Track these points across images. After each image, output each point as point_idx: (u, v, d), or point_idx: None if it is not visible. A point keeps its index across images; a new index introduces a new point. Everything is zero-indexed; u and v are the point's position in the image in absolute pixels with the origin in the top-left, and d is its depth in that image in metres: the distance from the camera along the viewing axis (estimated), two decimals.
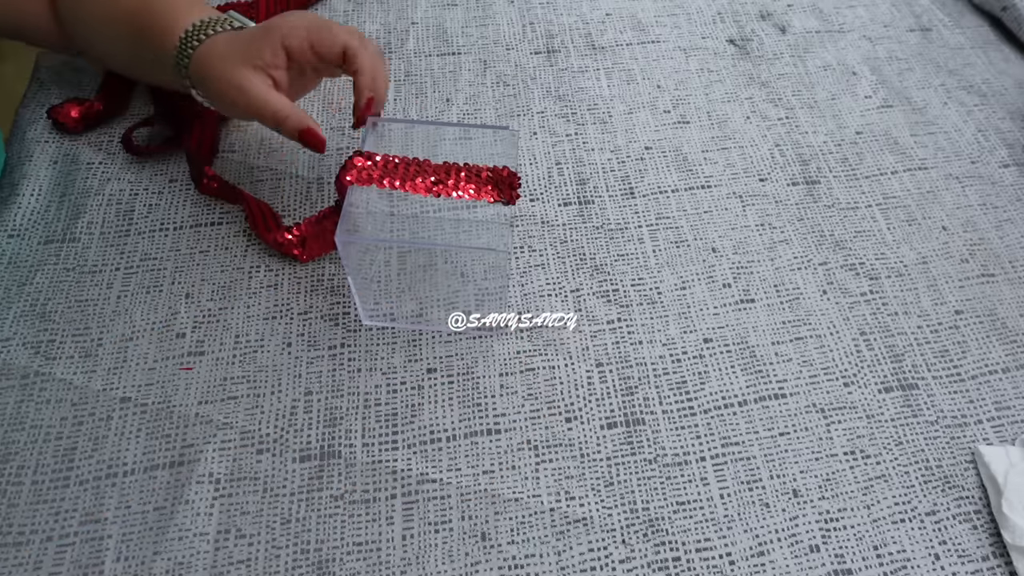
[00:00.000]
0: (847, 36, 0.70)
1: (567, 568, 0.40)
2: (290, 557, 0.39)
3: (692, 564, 0.40)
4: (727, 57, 0.67)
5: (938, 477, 0.44)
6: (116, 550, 0.39)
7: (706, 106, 0.63)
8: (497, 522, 0.41)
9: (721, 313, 0.50)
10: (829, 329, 0.50)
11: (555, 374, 0.47)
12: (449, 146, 0.48)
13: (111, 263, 0.49)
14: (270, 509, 0.41)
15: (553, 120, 0.61)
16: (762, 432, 0.45)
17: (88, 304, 0.47)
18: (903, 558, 0.41)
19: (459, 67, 0.64)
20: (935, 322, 0.51)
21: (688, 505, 0.42)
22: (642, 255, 0.53)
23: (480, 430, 0.44)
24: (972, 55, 0.70)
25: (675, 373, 0.47)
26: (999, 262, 0.54)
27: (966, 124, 0.64)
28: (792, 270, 0.53)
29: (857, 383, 0.47)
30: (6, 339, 0.45)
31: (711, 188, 0.57)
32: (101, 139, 0.56)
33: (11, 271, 0.48)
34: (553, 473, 0.43)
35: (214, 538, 0.39)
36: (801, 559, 0.40)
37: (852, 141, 0.61)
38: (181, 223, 0.52)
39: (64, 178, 0.53)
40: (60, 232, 0.51)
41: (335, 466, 0.42)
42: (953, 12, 0.74)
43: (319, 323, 0.47)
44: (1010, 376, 0.48)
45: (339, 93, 0.61)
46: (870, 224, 0.56)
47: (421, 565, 0.39)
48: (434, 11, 0.69)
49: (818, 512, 0.42)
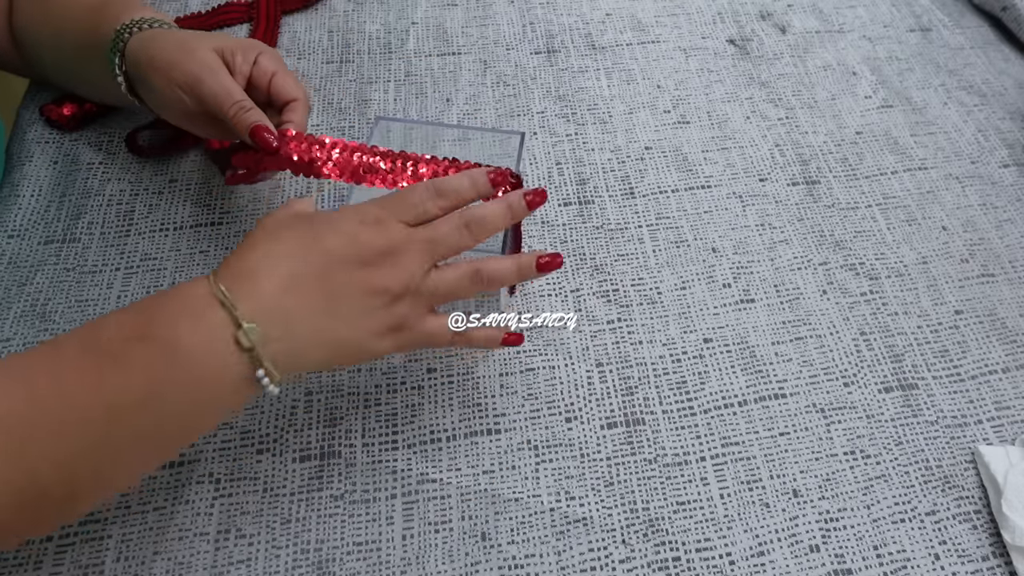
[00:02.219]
0: (847, 36, 0.70)
1: (567, 568, 0.40)
2: (290, 557, 0.39)
3: (692, 564, 0.40)
4: (727, 57, 0.67)
5: (938, 477, 0.44)
6: (116, 550, 0.39)
7: (706, 106, 0.63)
8: (497, 522, 0.41)
9: (721, 313, 0.50)
10: (829, 329, 0.50)
11: (555, 374, 0.47)
12: (448, 147, 0.48)
13: (111, 263, 0.49)
14: (270, 509, 0.41)
15: (553, 120, 0.61)
16: (762, 432, 0.45)
17: (88, 304, 0.47)
18: (903, 558, 0.41)
19: (459, 67, 0.64)
20: (935, 322, 0.51)
21: (688, 505, 0.42)
22: (642, 255, 0.53)
23: (480, 430, 0.44)
24: (972, 55, 0.70)
25: (675, 373, 0.47)
26: (999, 262, 0.54)
27: (966, 124, 0.64)
28: (792, 270, 0.53)
29: (857, 383, 0.47)
30: (6, 339, 0.45)
31: (711, 188, 0.57)
32: (101, 139, 0.56)
33: (11, 271, 0.48)
34: (553, 473, 0.43)
35: (214, 538, 0.39)
36: (801, 559, 0.40)
37: (852, 141, 0.61)
38: (181, 223, 0.52)
39: (64, 178, 0.53)
40: (60, 232, 0.51)
41: (335, 466, 0.42)
42: (953, 12, 0.74)
43: None
44: (1010, 376, 0.48)
45: (339, 93, 0.61)
46: (870, 224, 0.56)
47: (421, 565, 0.39)
48: (434, 11, 0.69)
49: (818, 512, 0.42)
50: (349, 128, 0.59)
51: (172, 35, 0.45)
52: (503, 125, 0.60)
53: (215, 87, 0.42)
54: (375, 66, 0.63)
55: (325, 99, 0.60)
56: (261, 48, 0.46)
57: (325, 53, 0.64)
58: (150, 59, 0.43)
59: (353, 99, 0.61)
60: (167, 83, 0.43)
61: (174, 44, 0.44)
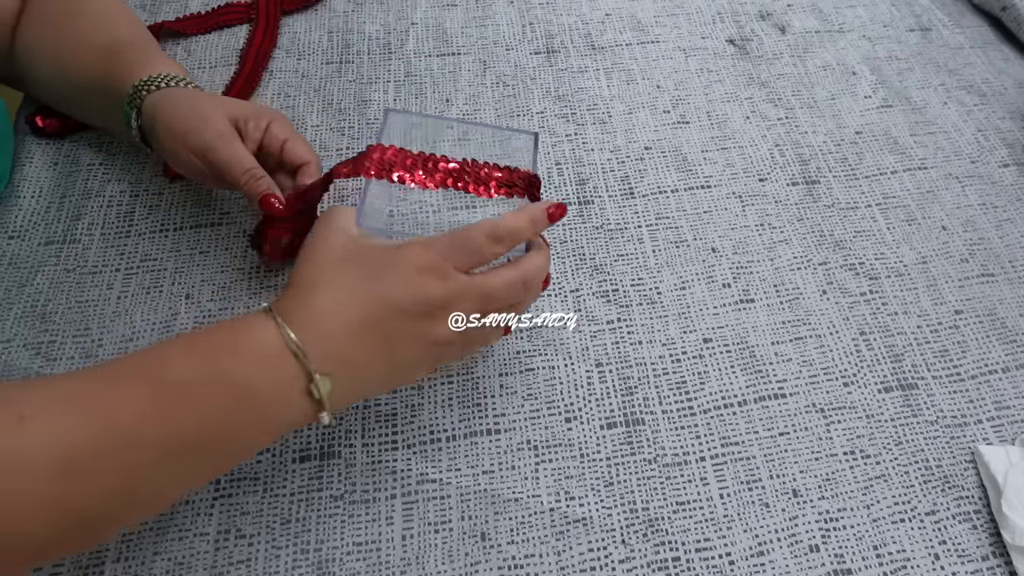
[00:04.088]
0: (847, 36, 0.70)
1: (567, 568, 0.40)
2: (290, 557, 0.39)
3: (692, 564, 0.40)
4: (727, 57, 0.67)
5: (938, 477, 0.44)
6: (116, 550, 0.39)
7: (706, 106, 0.63)
8: (497, 522, 0.41)
9: (721, 313, 0.50)
10: (829, 329, 0.50)
11: (555, 374, 0.47)
12: (448, 147, 0.47)
13: (111, 264, 0.50)
14: (270, 509, 0.41)
15: (553, 120, 0.61)
16: (762, 432, 0.45)
17: (88, 305, 0.47)
18: (903, 558, 0.41)
19: (459, 67, 0.64)
20: (935, 322, 0.51)
21: (688, 505, 0.42)
22: (642, 255, 0.53)
23: (480, 430, 0.44)
24: (972, 55, 0.70)
25: (675, 373, 0.47)
26: (999, 262, 0.54)
27: (966, 124, 0.64)
28: (792, 270, 0.53)
29: (857, 383, 0.47)
30: (7, 340, 0.45)
31: (711, 188, 0.57)
32: (101, 140, 0.56)
33: (12, 272, 0.48)
34: (553, 473, 0.43)
35: (214, 538, 0.40)
36: (801, 559, 0.40)
37: (852, 141, 0.61)
38: (181, 224, 0.52)
39: (64, 179, 0.54)
40: (60, 233, 0.51)
41: (335, 466, 0.42)
42: (953, 12, 0.74)
43: None
44: (1010, 376, 0.48)
45: (339, 93, 0.61)
46: (870, 224, 0.56)
47: (421, 565, 0.39)
48: (434, 11, 0.69)
49: (818, 512, 0.42)
50: (349, 128, 0.59)
51: (187, 98, 0.46)
52: (503, 125, 0.60)
53: (228, 156, 0.43)
54: (375, 66, 0.63)
55: (325, 99, 0.60)
56: (273, 116, 0.47)
57: (325, 53, 0.64)
58: (166, 125, 0.45)
59: (353, 99, 0.61)
60: (181, 148, 0.44)
61: (188, 110, 0.45)
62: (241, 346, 0.32)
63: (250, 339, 0.33)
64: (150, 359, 0.32)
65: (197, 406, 0.31)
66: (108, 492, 0.29)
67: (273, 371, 0.32)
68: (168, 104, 0.45)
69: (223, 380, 0.31)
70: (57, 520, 0.28)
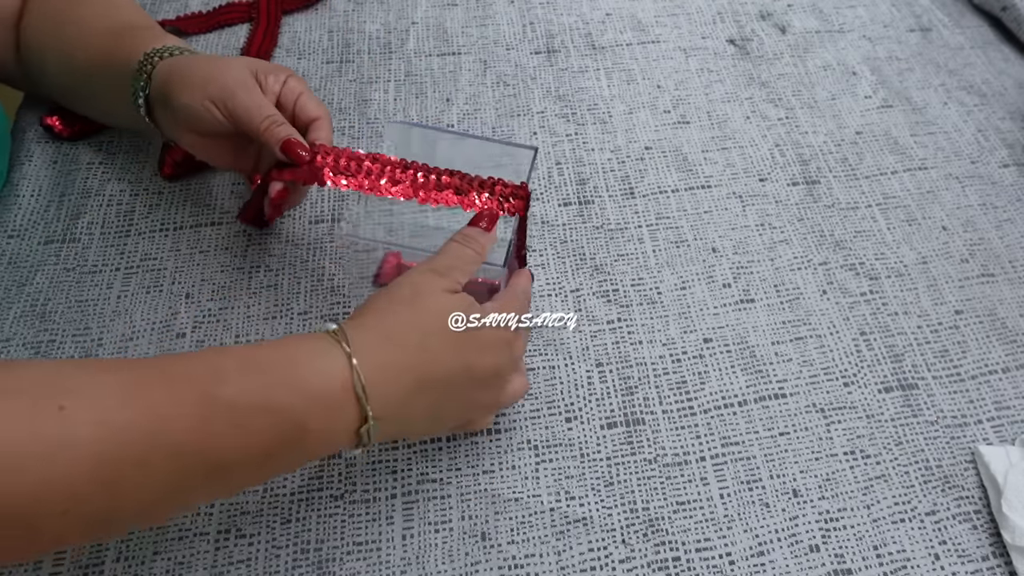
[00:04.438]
0: (847, 36, 0.70)
1: (567, 568, 0.40)
2: (290, 557, 0.39)
3: (692, 564, 0.40)
4: (727, 57, 0.67)
5: (938, 477, 0.44)
6: (116, 550, 0.39)
7: (706, 106, 0.63)
8: (497, 522, 0.41)
9: (721, 313, 0.50)
10: (829, 329, 0.50)
11: (555, 374, 0.47)
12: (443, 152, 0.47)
13: (111, 263, 0.49)
14: (270, 509, 0.41)
15: (553, 120, 0.61)
16: (762, 432, 0.45)
17: (88, 304, 0.47)
18: (903, 558, 0.41)
19: (459, 67, 0.64)
20: (935, 322, 0.51)
21: (688, 505, 0.42)
22: (642, 255, 0.53)
23: (480, 430, 0.44)
24: (972, 55, 0.70)
25: (675, 373, 0.47)
26: (999, 262, 0.54)
27: (966, 124, 0.64)
28: (792, 270, 0.53)
29: (857, 383, 0.47)
30: (6, 339, 0.45)
31: (711, 188, 0.57)
32: (101, 139, 0.56)
33: (11, 271, 0.48)
34: (553, 473, 0.43)
35: (214, 538, 0.40)
36: (801, 559, 0.40)
37: (852, 141, 0.61)
38: (181, 223, 0.52)
39: (64, 178, 0.54)
40: (60, 232, 0.51)
41: (335, 466, 0.42)
42: (953, 12, 0.74)
43: (319, 323, 0.47)
44: (1010, 376, 0.48)
45: (339, 93, 0.61)
46: (870, 224, 0.56)
47: (421, 565, 0.39)
48: (434, 11, 0.69)
49: (818, 512, 0.42)
50: (349, 128, 0.59)
51: (204, 56, 0.46)
52: (503, 125, 0.60)
53: (248, 102, 0.43)
54: (375, 66, 0.63)
55: (325, 99, 0.60)
56: (289, 72, 0.47)
57: (325, 53, 0.64)
58: (184, 77, 0.44)
59: (353, 99, 0.61)
60: (200, 97, 0.43)
61: (207, 62, 0.45)
62: (302, 376, 0.32)
63: (312, 369, 0.32)
64: (203, 367, 0.31)
65: (244, 434, 0.30)
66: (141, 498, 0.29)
67: (330, 411, 0.32)
68: (185, 61, 0.45)
69: (276, 412, 0.31)
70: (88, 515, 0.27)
